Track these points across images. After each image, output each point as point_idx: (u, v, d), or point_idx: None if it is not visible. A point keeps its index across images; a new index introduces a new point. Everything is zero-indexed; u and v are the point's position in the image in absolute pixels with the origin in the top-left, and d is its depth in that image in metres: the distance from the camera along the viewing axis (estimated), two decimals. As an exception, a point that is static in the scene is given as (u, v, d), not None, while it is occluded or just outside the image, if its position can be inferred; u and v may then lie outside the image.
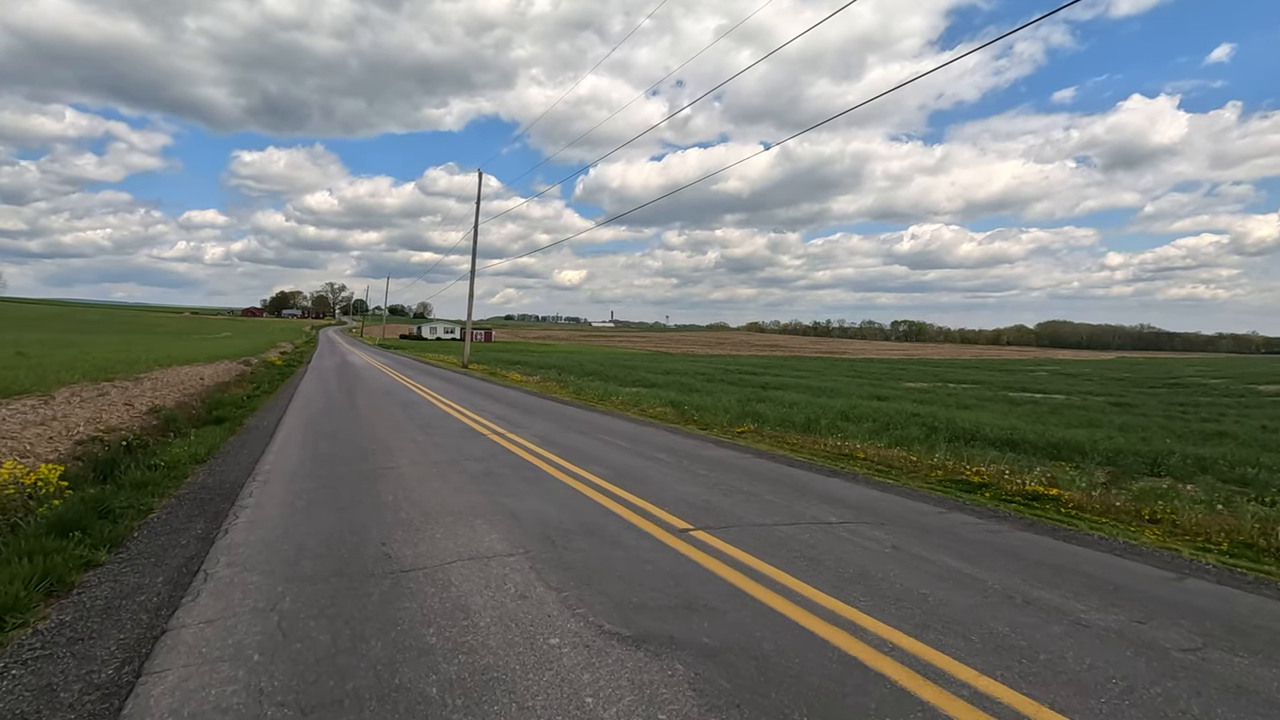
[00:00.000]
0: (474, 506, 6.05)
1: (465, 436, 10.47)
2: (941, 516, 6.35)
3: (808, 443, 12.61)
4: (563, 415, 14.34)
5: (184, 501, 6.54)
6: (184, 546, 5.04)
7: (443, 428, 11.46)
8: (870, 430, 14.93)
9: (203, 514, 6.03)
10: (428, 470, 7.75)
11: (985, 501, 7.74)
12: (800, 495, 6.91)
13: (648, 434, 11.76)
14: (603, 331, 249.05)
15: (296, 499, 6.39)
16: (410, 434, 10.65)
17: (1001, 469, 10.04)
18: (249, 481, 7.30)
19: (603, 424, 13.05)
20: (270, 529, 5.39)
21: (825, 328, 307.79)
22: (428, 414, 13.56)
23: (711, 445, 10.78)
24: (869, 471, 9.34)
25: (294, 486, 6.96)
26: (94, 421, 10.77)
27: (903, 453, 11.75)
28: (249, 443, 10.03)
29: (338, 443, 9.74)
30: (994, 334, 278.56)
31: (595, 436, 10.93)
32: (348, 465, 8.06)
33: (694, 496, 6.61)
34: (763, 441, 12.61)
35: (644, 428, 12.88)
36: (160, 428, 11.46)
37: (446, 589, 4.03)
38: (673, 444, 10.60)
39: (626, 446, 9.96)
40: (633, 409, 17.77)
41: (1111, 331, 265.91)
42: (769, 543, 5.05)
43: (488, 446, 9.53)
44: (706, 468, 8.40)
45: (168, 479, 7.45)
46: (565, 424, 12.61)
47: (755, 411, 17.36)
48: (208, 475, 7.75)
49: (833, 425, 15.41)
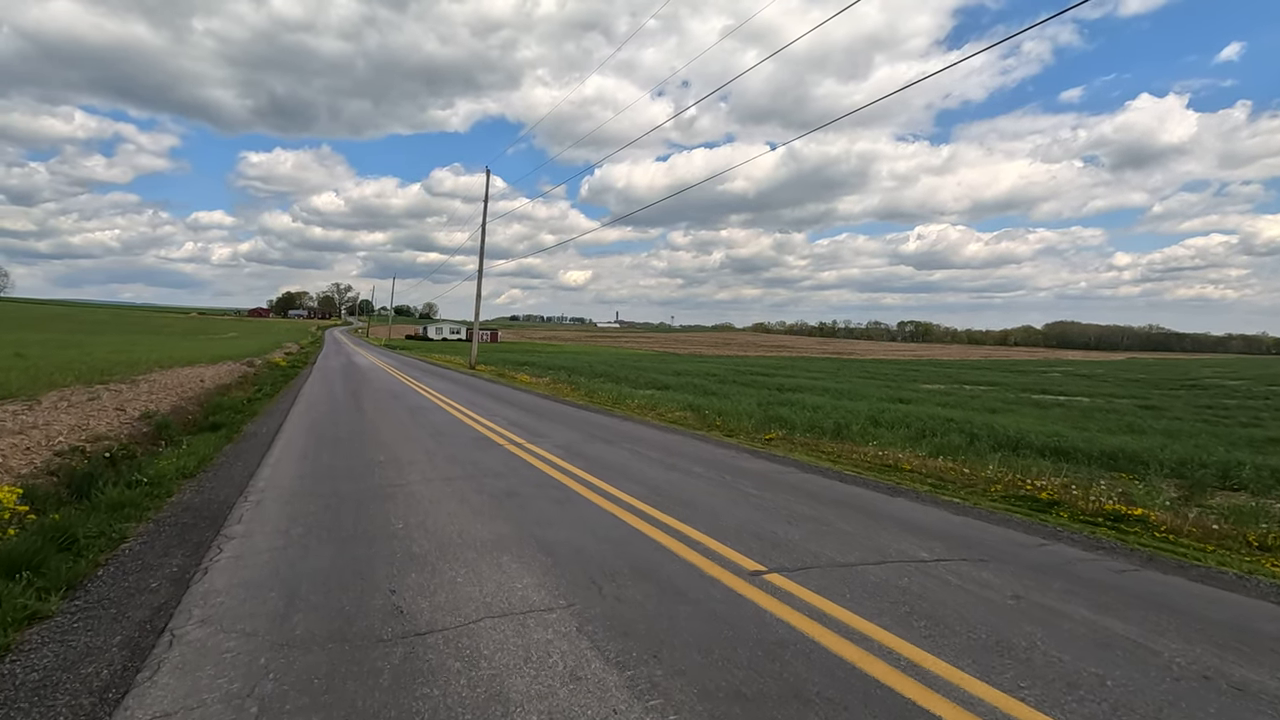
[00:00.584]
0: (499, 537, 5.15)
1: (480, 446, 9.59)
2: (1044, 550, 5.42)
3: (845, 451, 11.72)
4: (580, 421, 13.46)
5: (163, 527, 5.68)
6: (153, 591, 4.17)
7: (455, 436, 10.59)
8: (906, 437, 14.00)
9: (182, 544, 5.15)
10: (442, 488, 6.86)
11: (1066, 523, 6.82)
12: (872, 521, 5.99)
13: (675, 443, 10.86)
14: (608, 332, 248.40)
15: (292, 525, 5.52)
16: (421, 443, 9.77)
17: (1064, 483, 9.13)
18: (240, 501, 6.43)
19: (625, 431, 12.15)
20: (258, 567, 4.50)
21: (831, 328, 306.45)
22: (438, 420, 12.69)
23: (747, 456, 9.88)
24: (925, 486, 8.43)
25: (290, 509, 6.08)
26: (79, 429, 9.93)
27: (949, 463, 10.84)
28: (245, 453, 9.17)
29: (342, 453, 8.87)
30: (1001, 334, 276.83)
31: (621, 446, 10.04)
32: (352, 481, 7.18)
33: (754, 524, 5.70)
34: (796, 450, 11.72)
35: (669, 435, 11.98)
36: (151, 436, 10.63)
37: (475, 664, 3.13)
38: (705, 454, 9.70)
39: (657, 458, 9.06)
40: (650, 413, 16.89)
41: (1120, 332, 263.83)
42: (864, 591, 4.14)
43: (506, 459, 8.65)
44: (753, 485, 7.49)
45: (149, 497, 6.58)
46: (586, 431, 11.71)
47: (779, 416, 16.44)
48: (195, 493, 6.88)
49: (865, 431, 14.48)
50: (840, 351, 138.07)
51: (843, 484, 8.00)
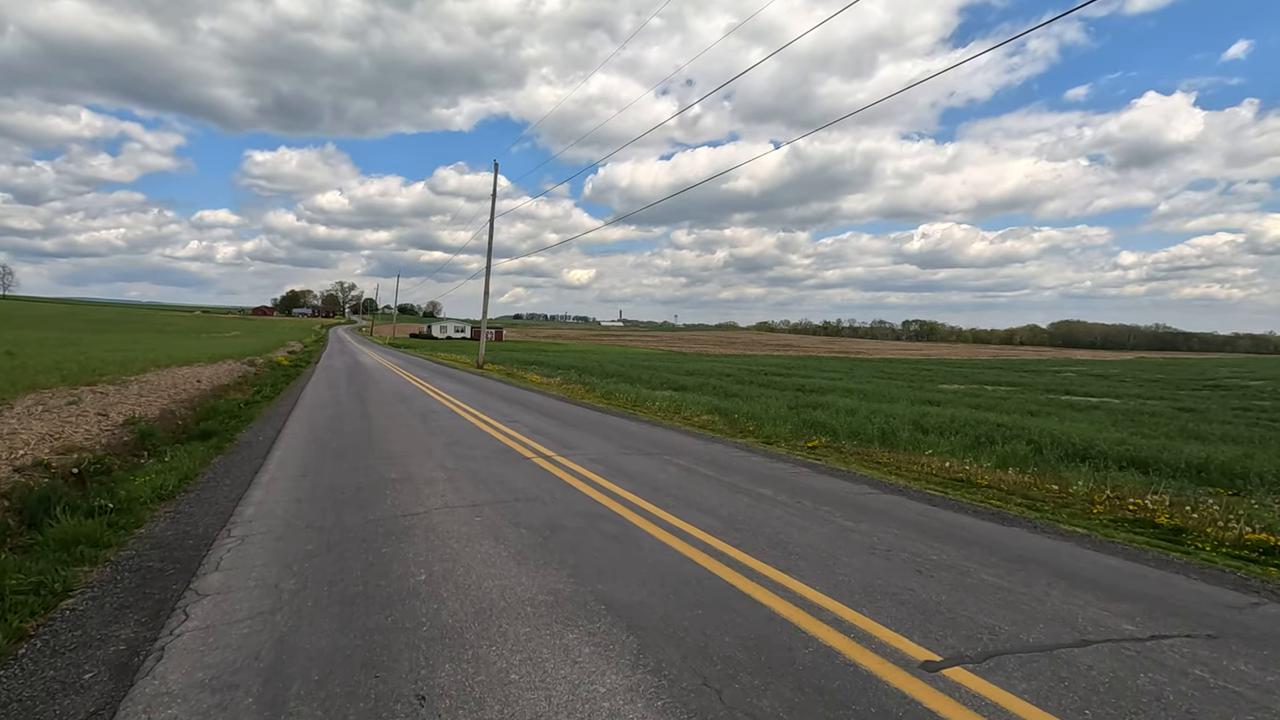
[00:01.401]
0: (554, 597, 3.92)
1: (505, 460, 8.36)
2: (1262, 613, 4.16)
3: (903, 462, 10.50)
4: (606, 427, 12.23)
5: (122, 573, 4.47)
6: (82, 690, 2.96)
7: (474, 446, 9.36)
8: (961, 445, 12.74)
9: (139, 603, 3.94)
10: (469, 519, 5.63)
11: (1211, 557, 5.58)
12: (1020, 569, 4.71)
13: (719, 454, 9.63)
14: (612, 331, 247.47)
15: (283, 575, 4.30)
16: (436, 456, 8.54)
17: (1171, 501, 7.90)
18: (222, 536, 5.21)
19: (659, 440, 10.92)
20: (232, 648, 3.28)
21: (836, 327, 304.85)
22: (452, 427, 11.46)
23: (806, 471, 8.64)
24: (1017, 507, 7.21)
25: (283, 549, 4.86)
26: (51, 438, 8.75)
27: (1024, 476, 9.61)
28: (236, 467, 7.96)
29: (346, 469, 7.65)
30: (1007, 334, 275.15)
31: (663, 458, 8.81)
32: (359, 508, 5.96)
33: (878, 577, 4.42)
34: (850, 460, 10.52)
35: (709, 444, 10.74)
36: (132, 445, 9.44)
37: None
38: (760, 469, 8.47)
39: (709, 475, 7.82)
40: (675, 416, 15.68)
41: (1126, 331, 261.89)
42: (1100, 699, 2.87)
43: (537, 476, 7.42)
44: (840, 511, 6.24)
45: (113, 529, 5.37)
46: (618, 441, 10.48)
47: (815, 420, 15.21)
48: (170, 522, 5.67)
49: (914, 439, 13.24)
50: (847, 350, 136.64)
51: (938, 509, 6.75)
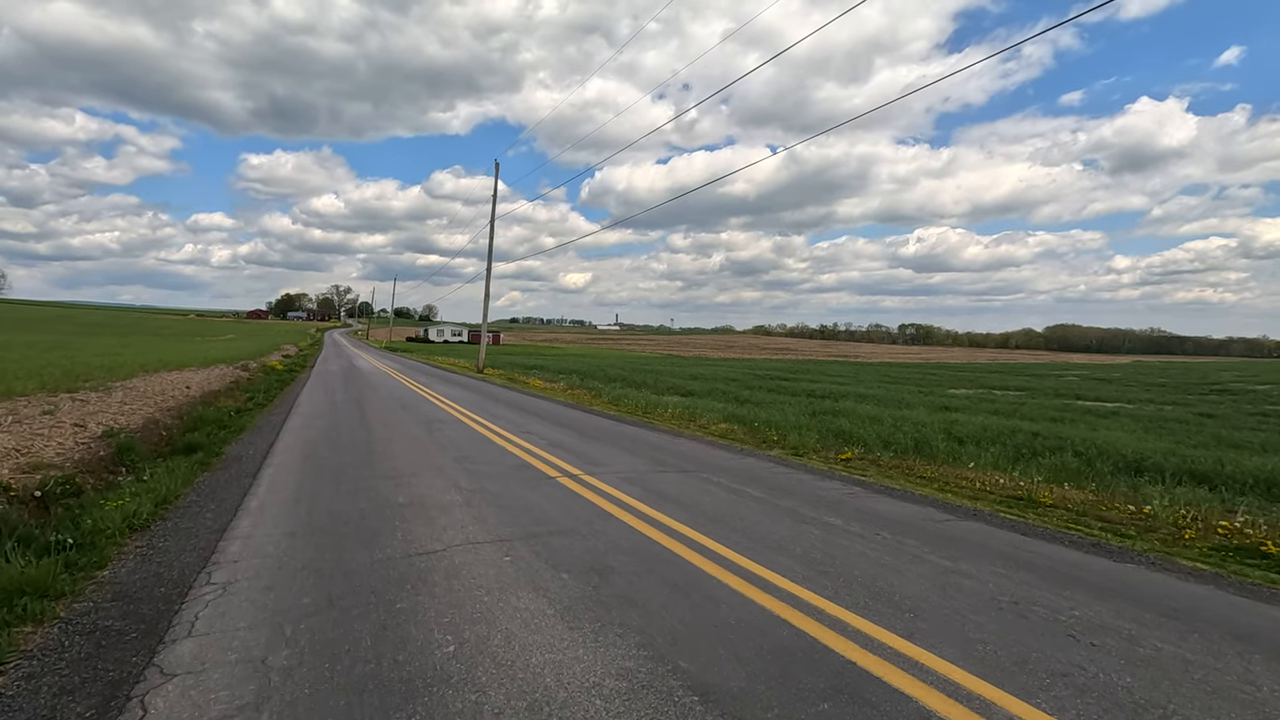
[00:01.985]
0: (627, 682, 2.99)
1: (526, 480, 7.42)
2: None
3: (949, 476, 9.66)
4: (627, 438, 11.32)
5: (71, 637, 3.56)
6: None
7: (488, 462, 8.44)
8: (1004, 456, 11.90)
9: (83, 690, 3.02)
10: (497, 560, 4.70)
11: None
12: (1195, 633, 3.72)
13: (759, 470, 8.73)
14: (608, 334, 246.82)
15: (273, 646, 3.37)
16: (448, 473, 7.61)
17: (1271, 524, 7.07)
18: (200, 582, 4.29)
19: (688, 453, 10.01)
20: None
21: (832, 331, 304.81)
22: (461, 438, 10.53)
23: (861, 491, 7.73)
24: (1097, 531, 6.35)
25: (273, 602, 3.94)
26: (17, 454, 7.83)
27: (1088, 494, 8.77)
28: (222, 488, 7.03)
29: (347, 490, 6.73)
30: (1003, 337, 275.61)
31: (701, 476, 7.89)
32: (364, 543, 5.04)
33: (1031, 648, 3.48)
34: (888, 474, 9.70)
35: (742, 457, 9.85)
36: (108, 461, 8.52)
37: None
38: (811, 489, 7.56)
39: (763, 497, 6.88)
40: (691, 424, 14.81)
41: (1121, 335, 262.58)
42: None
43: (568, 501, 6.47)
44: (931, 547, 5.29)
45: (69, 573, 4.44)
46: (645, 455, 9.57)
47: (839, 430, 14.35)
48: (139, 561, 4.75)
49: (951, 450, 12.39)
50: (845, 354, 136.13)
51: (1030, 539, 5.85)
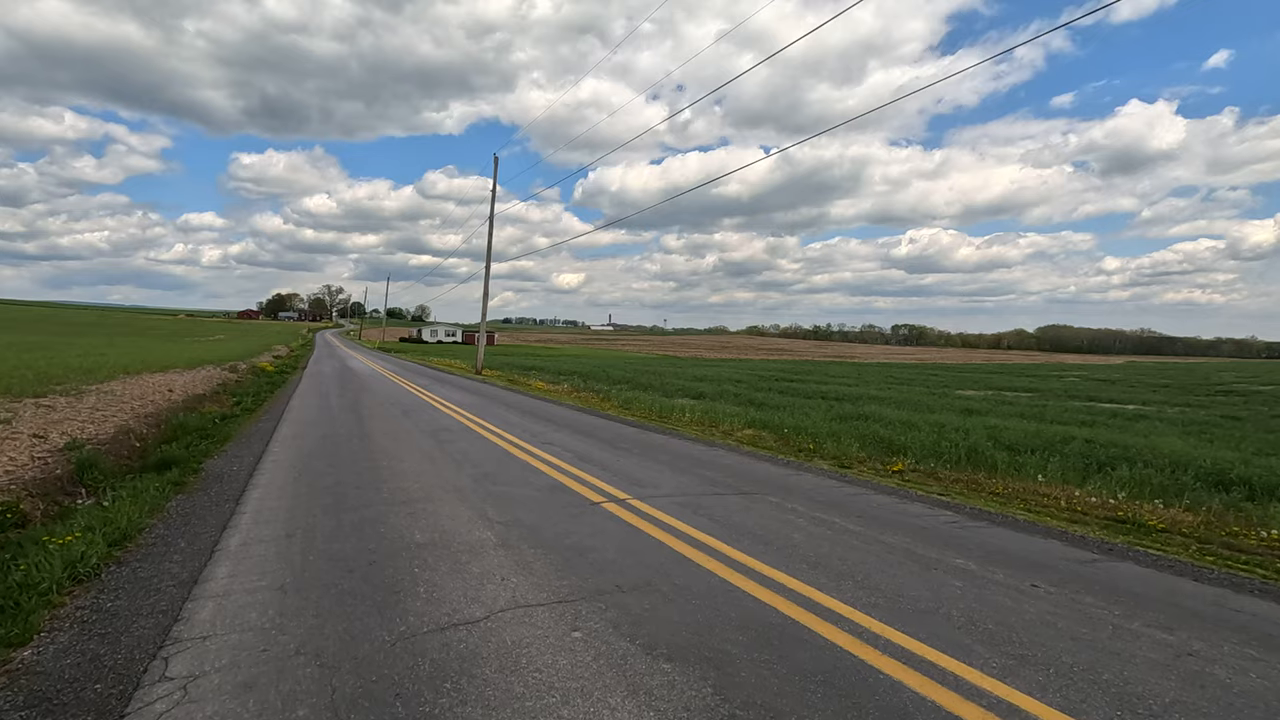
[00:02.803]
0: None
1: (565, 507, 6.20)
2: None
3: (1029, 494, 8.60)
4: (659, 449, 10.16)
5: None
6: None
7: (513, 481, 7.23)
8: (1069, 468, 10.79)
9: None
10: (562, 636, 3.49)
11: None
12: None
13: (828, 491, 7.57)
14: (602, 334, 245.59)
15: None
16: (470, 499, 6.40)
17: None
18: (150, 677, 3.11)
19: (735, 467, 8.86)
20: None
21: (826, 331, 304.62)
22: (475, 451, 9.33)
23: (959, 518, 6.58)
24: (1245, 568, 5.24)
25: (255, 708, 2.79)
26: (-45, 472, 6.65)
27: (1187, 514, 7.68)
28: (196, 517, 5.83)
29: (350, 522, 5.54)
30: (995, 338, 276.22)
31: (770, 500, 6.70)
32: (379, 609, 3.80)
33: None
34: (952, 488, 8.69)
35: (798, 472, 8.70)
36: (65, 481, 7.31)
37: None
38: (902, 516, 6.42)
39: (858, 530, 5.67)
40: (714, 430, 13.68)
41: (1112, 336, 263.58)
42: None
43: (628, 539, 5.21)
44: (1122, 608, 4.15)
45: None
46: (690, 470, 8.41)
47: (874, 435, 13.25)
48: (72, 639, 3.52)
49: (1009, 461, 11.27)
50: (841, 355, 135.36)
51: (1219, 589, 4.71)
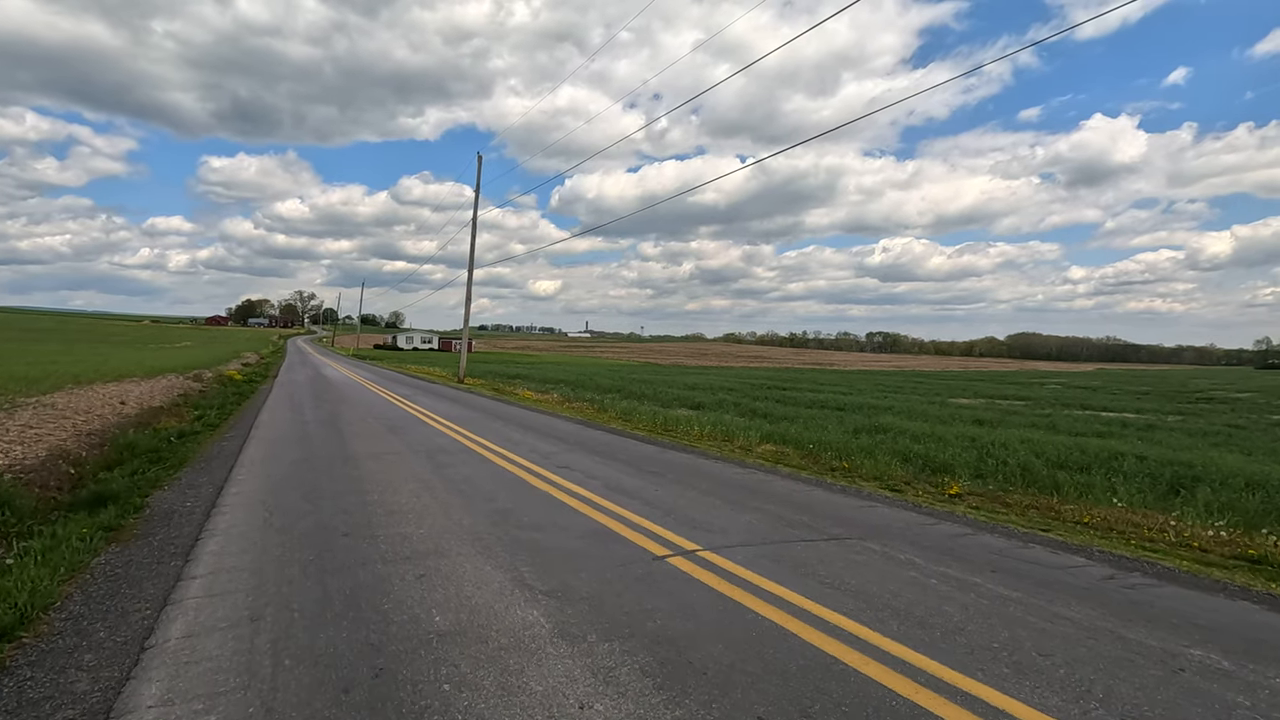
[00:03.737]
0: None
1: (626, 567, 4.70)
2: None
3: (1124, 523, 7.45)
4: (692, 471, 8.78)
5: None
6: None
7: (547, 527, 5.71)
8: (1146, 490, 9.61)
9: None
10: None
11: None
12: None
13: (913, 526, 6.27)
14: (580, 342, 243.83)
15: None
16: (497, 553, 4.88)
17: None
18: None
19: (801, 500, 7.48)
20: None
21: (802, 339, 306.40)
22: (484, 480, 7.83)
23: (1097, 567, 5.34)
24: None
25: None
26: None
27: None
28: (127, 588, 4.29)
29: (340, 597, 4.01)
30: (967, 345, 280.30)
31: (870, 548, 5.34)
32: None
33: None
34: (1046, 521, 7.50)
35: (873, 505, 7.36)
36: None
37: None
38: (1023, 563, 5.12)
39: (1015, 596, 4.39)
40: (728, 445, 12.42)
41: (1080, 343, 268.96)
42: None
43: (732, 622, 3.72)
44: None
45: None
46: (744, 502, 7.04)
47: (906, 451, 12.08)
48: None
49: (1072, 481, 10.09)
50: (819, 362, 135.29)
51: None
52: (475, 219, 33.48)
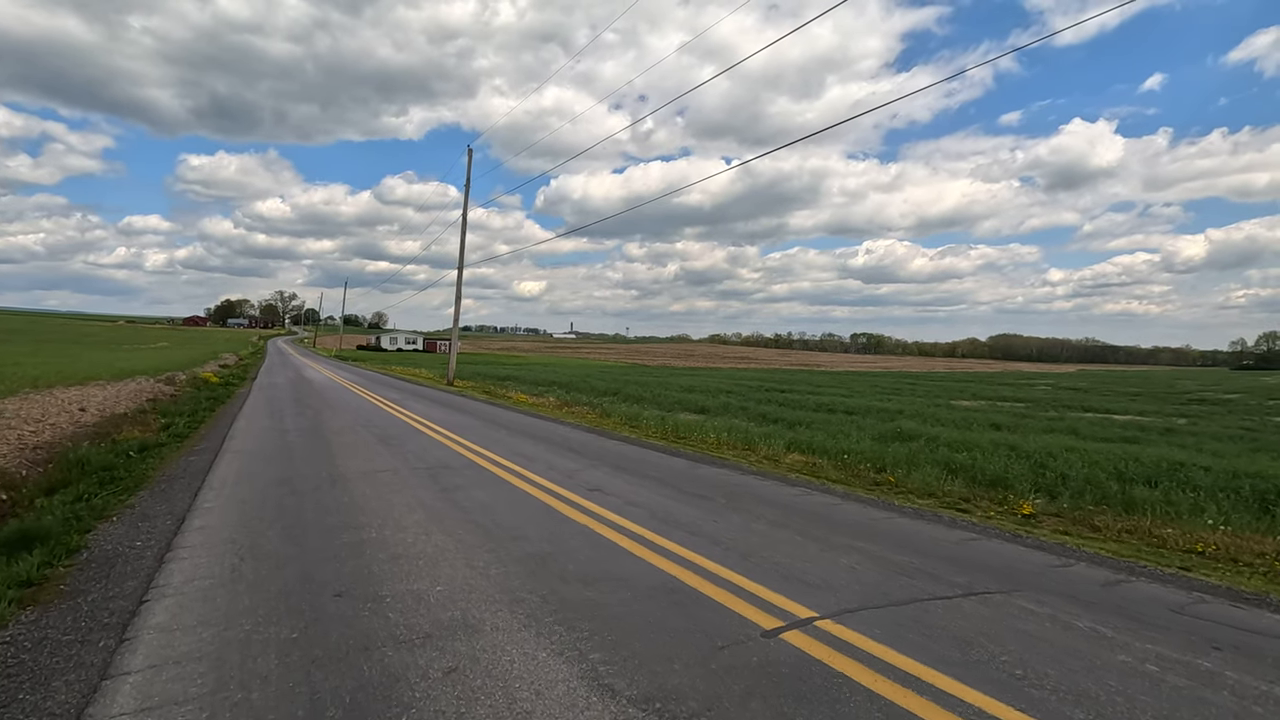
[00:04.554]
0: None
1: (722, 646, 3.42)
2: None
3: (1249, 554, 6.37)
4: (742, 494, 7.58)
5: None
6: None
7: (596, 578, 4.40)
8: (1243, 510, 8.52)
9: None
10: None
11: None
12: None
13: (1054, 575, 5.13)
14: (565, 343, 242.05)
15: None
16: (541, 623, 3.56)
17: None
18: None
19: (874, 527, 6.35)
20: None
21: (787, 340, 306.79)
22: (502, 506, 6.57)
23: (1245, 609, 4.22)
24: None
25: None
26: None
27: None
28: (30, 687, 3.02)
29: (334, 711, 2.83)
30: (950, 346, 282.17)
31: (1026, 608, 4.16)
32: None
33: None
34: (1137, 544, 6.46)
35: (968, 534, 6.23)
36: None
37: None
38: (1204, 619, 4.02)
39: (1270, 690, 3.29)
40: (751, 455, 11.31)
41: (1059, 345, 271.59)
42: None
43: None
44: None
45: None
46: (840, 543, 5.85)
47: (949, 462, 11.01)
48: None
49: (1152, 499, 9.01)
50: (805, 363, 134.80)
51: None
52: (465, 214, 32.10)
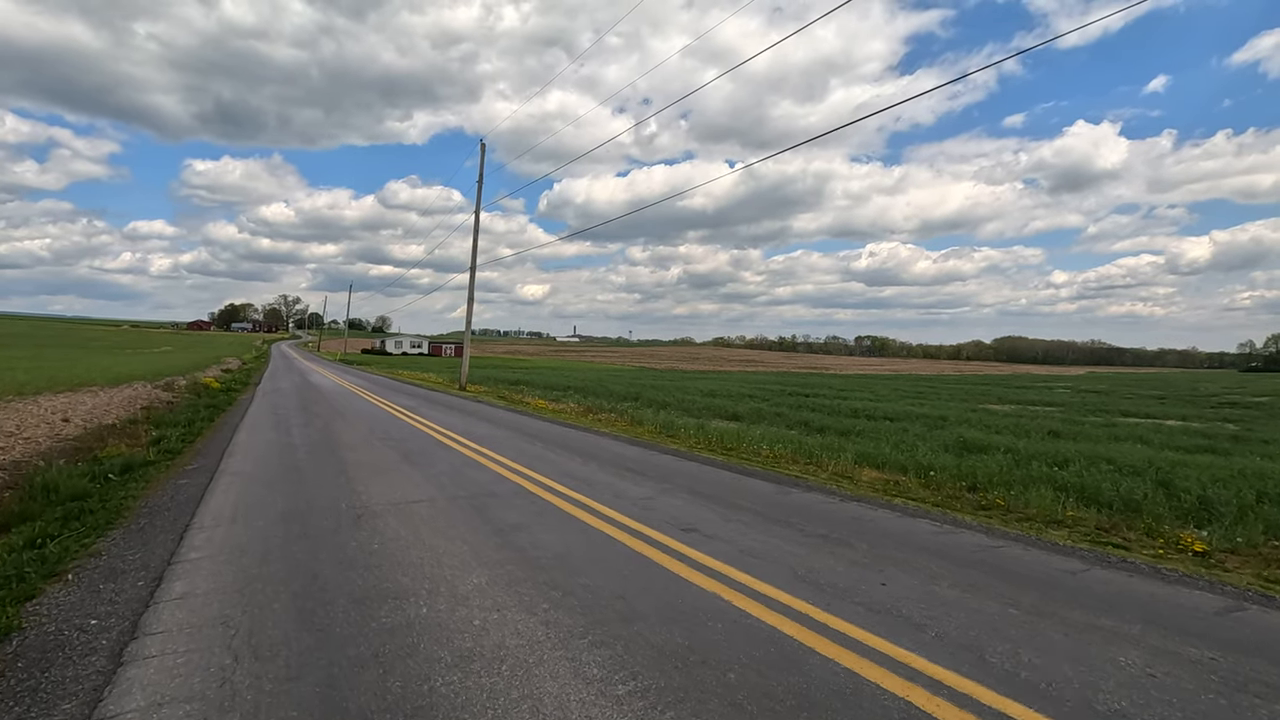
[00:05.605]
0: None
1: None
2: None
3: None
4: (865, 531, 6.06)
5: None
6: None
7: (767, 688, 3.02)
8: None
9: None
10: None
11: None
12: None
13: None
14: (569, 346, 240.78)
15: None
16: None
17: None
18: None
19: (1055, 580, 4.83)
20: None
21: (791, 343, 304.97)
22: (580, 559, 5.02)
23: None
24: None
25: None
26: None
27: None
28: None
29: None
30: (954, 349, 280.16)
31: None
32: None
33: None
34: None
35: (1149, 584, 4.71)
36: None
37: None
38: None
39: None
40: (821, 471, 9.88)
41: (1065, 347, 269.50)
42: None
43: None
44: None
45: None
46: (1044, 613, 4.35)
47: (1045, 478, 9.53)
48: None
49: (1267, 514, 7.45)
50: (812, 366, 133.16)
51: None
52: (478, 211, 30.64)
